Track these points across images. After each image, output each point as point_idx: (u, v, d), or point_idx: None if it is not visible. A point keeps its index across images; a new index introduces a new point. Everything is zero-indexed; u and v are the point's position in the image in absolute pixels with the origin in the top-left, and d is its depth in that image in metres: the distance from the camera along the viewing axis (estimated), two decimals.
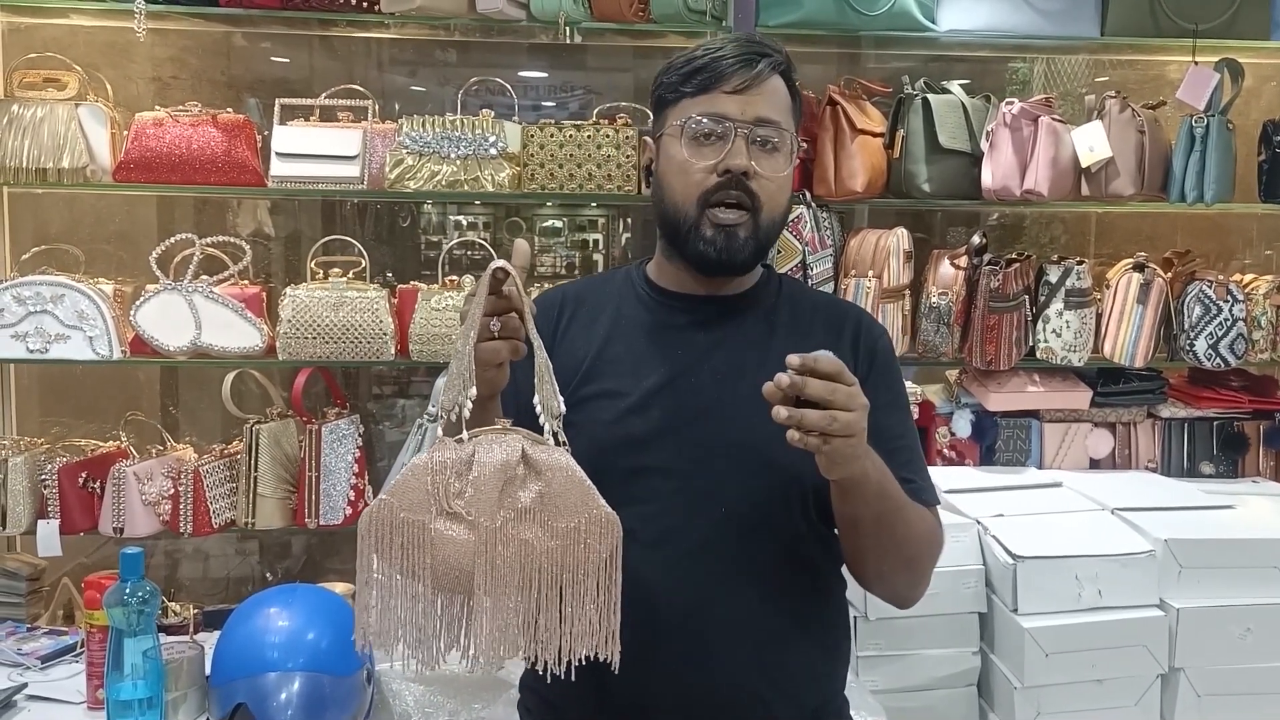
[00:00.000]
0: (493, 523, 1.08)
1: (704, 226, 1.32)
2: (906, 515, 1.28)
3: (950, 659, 2.17)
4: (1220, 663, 2.10)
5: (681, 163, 1.32)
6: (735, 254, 1.32)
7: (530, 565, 1.09)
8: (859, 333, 1.40)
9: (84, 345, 2.32)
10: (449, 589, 1.11)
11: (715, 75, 1.31)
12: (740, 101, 1.31)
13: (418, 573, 1.09)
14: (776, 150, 1.33)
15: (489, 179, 2.40)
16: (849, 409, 1.12)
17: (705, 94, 1.32)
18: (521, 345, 1.16)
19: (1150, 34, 2.54)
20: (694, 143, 1.32)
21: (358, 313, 2.34)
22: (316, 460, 2.37)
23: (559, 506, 1.10)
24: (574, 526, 1.09)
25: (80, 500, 2.33)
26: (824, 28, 2.46)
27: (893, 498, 1.25)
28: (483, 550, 1.08)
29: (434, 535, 1.09)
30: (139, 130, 2.34)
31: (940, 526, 1.38)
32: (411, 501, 1.10)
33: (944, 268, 2.53)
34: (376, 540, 1.10)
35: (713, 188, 1.31)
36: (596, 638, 1.09)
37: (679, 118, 1.33)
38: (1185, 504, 2.33)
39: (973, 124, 2.50)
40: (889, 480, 1.24)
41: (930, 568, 1.37)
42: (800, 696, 1.35)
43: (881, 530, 1.27)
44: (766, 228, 1.34)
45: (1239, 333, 2.52)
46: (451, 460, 1.10)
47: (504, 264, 1.12)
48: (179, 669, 1.73)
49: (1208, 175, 2.49)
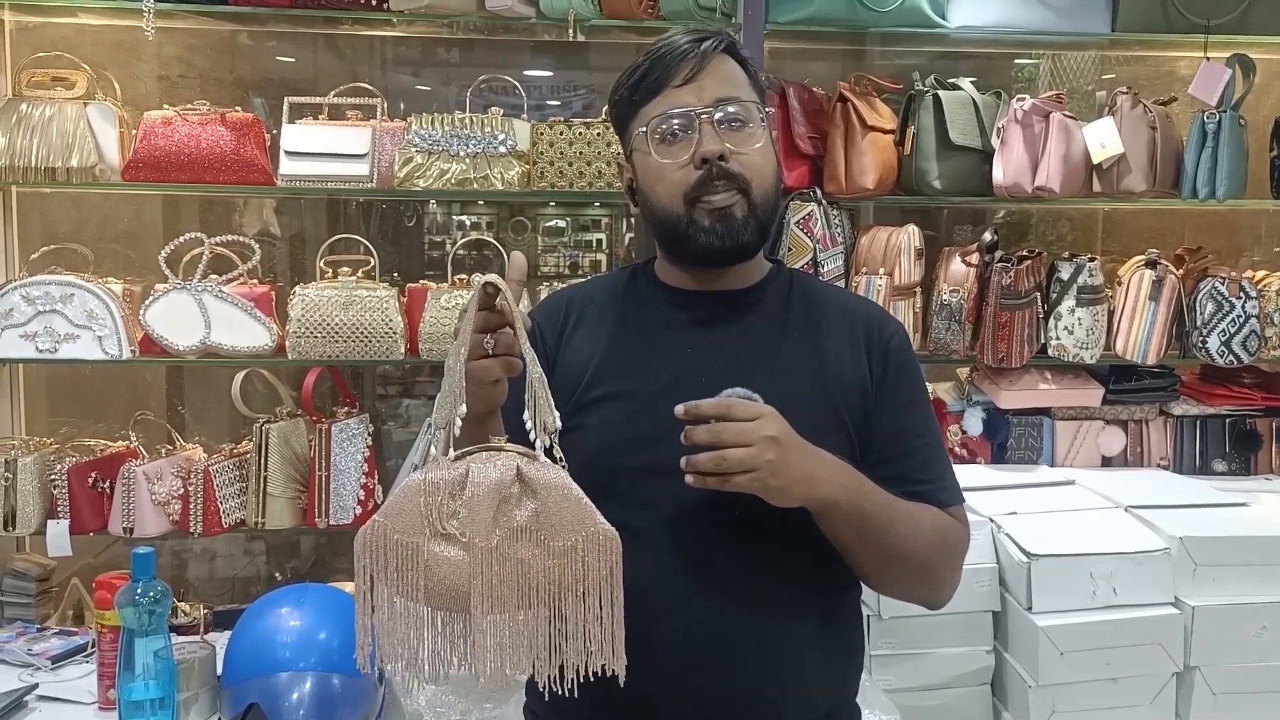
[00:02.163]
0: (488, 543, 1.07)
1: (699, 218, 1.29)
2: (899, 530, 1.25)
3: (964, 658, 2.16)
4: (1236, 661, 2.09)
5: (658, 168, 1.30)
6: (738, 236, 1.29)
7: (528, 584, 1.08)
8: (872, 330, 1.37)
9: (93, 345, 2.31)
10: (447, 609, 1.10)
11: (662, 72, 1.29)
12: (694, 89, 1.29)
13: (413, 594, 1.08)
14: (745, 123, 1.30)
15: (498, 177, 2.39)
16: (742, 444, 1.13)
17: (658, 95, 1.30)
18: (516, 361, 1.13)
19: (1161, 29, 2.53)
20: (662, 144, 1.30)
21: (367, 312, 2.33)
22: (326, 460, 2.36)
23: (555, 525, 1.08)
24: (571, 545, 1.08)
25: (90, 500, 2.32)
26: (834, 24, 2.45)
27: (873, 517, 1.23)
28: (479, 571, 1.07)
29: (428, 557, 1.08)
30: (148, 129, 2.33)
31: (964, 525, 1.35)
32: (405, 523, 1.08)
33: (955, 265, 2.52)
34: (371, 561, 1.09)
35: (695, 182, 1.28)
36: (601, 653, 1.08)
37: (640, 126, 1.31)
38: (1199, 501, 2.32)
39: (983, 120, 2.49)
40: (864, 500, 1.22)
41: (949, 572, 1.34)
42: (812, 701, 1.32)
43: (868, 548, 1.25)
44: (762, 202, 1.30)
45: (1252, 329, 2.51)
46: (444, 480, 1.08)
47: (494, 278, 1.10)
48: (190, 669, 1.72)
49: (1220, 171, 2.48)
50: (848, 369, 1.34)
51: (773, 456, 1.14)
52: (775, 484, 1.15)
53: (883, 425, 1.33)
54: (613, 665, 1.09)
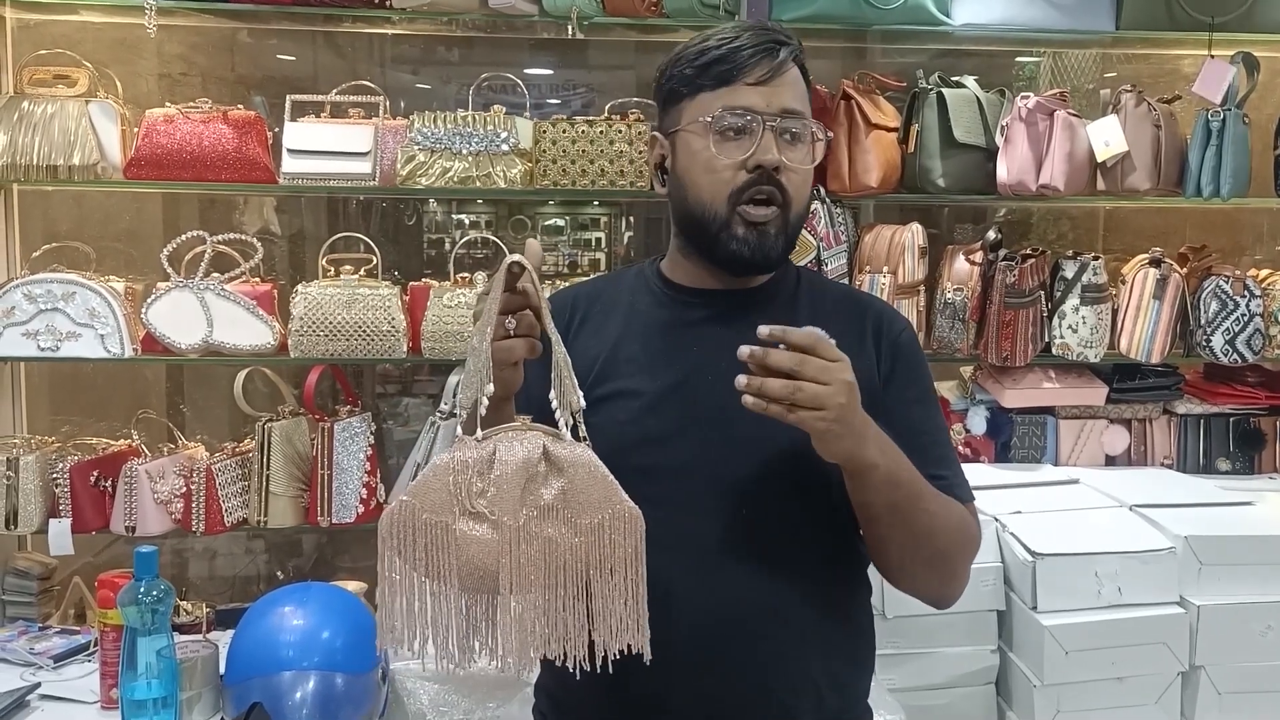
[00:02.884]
0: (516, 521, 1.07)
1: (735, 225, 1.28)
2: (927, 507, 1.24)
3: (969, 657, 2.16)
4: (1241, 660, 2.08)
5: (708, 160, 1.28)
6: (768, 251, 1.29)
7: (555, 562, 1.08)
8: (880, 326, 1.37)
9: (95, 343, 2.30)
10: (474, 589, 1.09)
11: (736, 66, 1.27)
12: (765, 93, 1.27)
13: (443, 574, 1.08)
14: (800, 141, 1.30)
15: (501, 175, 2.39)
16: (821, 382, 1.11)
17: (726, 86, 1.28)
18: (537, 343, 1.14)
19: (1166, 27, 2.52)
20: (720, 138, 1.28)
21: (370, 310, 2.32)
22: (329, 458, 2.36)
23: (582, 503, 1.09)
24: (598, 522, 1.08)
25: (92, 499, 2.31)
26: (838, 22, 2.44)
27: (906, 486, 1.22)
28: (507, 549, 1.07)
29: (458, 535, 1.08)
30: (150, 127, 2.33)
31: (976, 523, 1.34)
32: (433, 502, 1.08)
33: (959, 263, 2.52)
34: (399, 542, 1.08)
35: (743, 185, 1.27)
36: (627, 632, 1.08)
37: (700, 112, 1.29)
38: (1204, 500, 2.31)
39: (987, 118, 2.49)
40: (903, 469, 1.22)
41: (963, 565, 1.33)
42: (822, 701, 1.31)
43: (897, 521, 1.24)
44: (794, 222, 1.31)
45: (1256, 328, 2.51)
46: (473, 459, 1.09)
47: (519, 258, 1.10)
48: (193, 668, 1.72)
49: (1224, 170, 2.47)
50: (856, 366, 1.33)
51: (844, 400, 1.13)
52: (836, 429, 1.13)
53: (892, 421, 1.32)
54: (639, 643, 1.09)
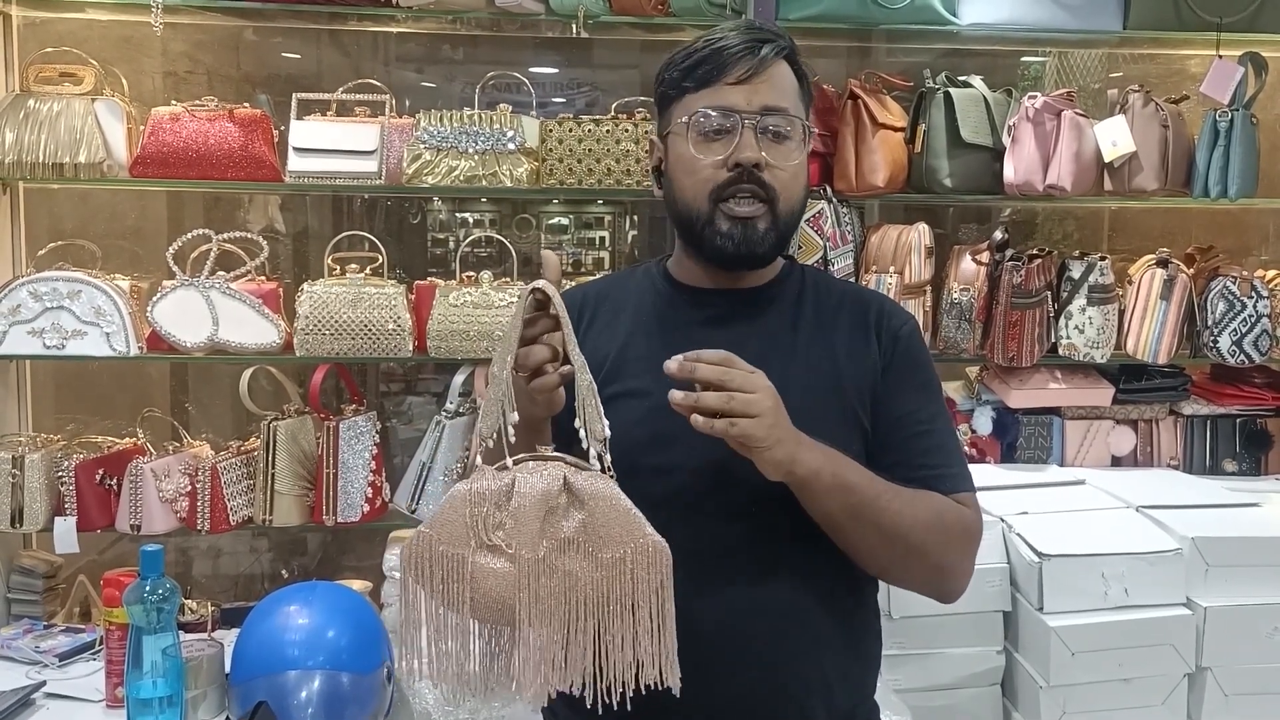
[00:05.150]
0: (534, 554, 1.06)
1: (718, 221, 1.29)
2: (889, 505, 1.23)
3: (974, 658, 2.15)
4: (1248, 662, 2.08)
5: (689, 160, 1.30)
6: (755, 246, 1.30)
7: (575, 597, 1.07)
8: (882, 320, 1.37)
9: (101, 341, 2.30)
10: (492, 621, 1.09)
11: (718, 66, 1.29)
12: (745, 91, 1.28)
13: (460, 605, 1.08)
14: (787, 138, 1.30)
15: (507, 174, 2.38)
16: (747, 390, 1.14)
17: (708, 87, 1.29)
18: (568, 369, 1.15)
19: (1173, 27, 2.52)
20: (701, 138, 1.29)
21: (375, 309, 2.32)
22: (334, 457, 2.35)
23: (603, 536, 1.07)
24: (619, 557, 1.07)
25: (97, 497, 2.31)
26: (844, 21, 2.44)
27: (860, 490, 1.22)
28: (525, 583, 1.06)
29: (473, 569, 1.07)
30: (156, 125, 2.32)
31: (974, 511, 1.33)
32: (450, 534, 1.08)
33: (965, 263, 2.51)
34: (418, 574, 1.08)
35: (723, 183, 1.29)
36: (653, 665, 1.07)
37: (683, 114, 1.31)
38: (1210, 502, 2.31)
39: (994, 118, 2.48)
40: (850, 472, 1.22)
41: (956, 558, 1.31)
42: (832, 699, 1.32)
43: (861, 525, 1.23)
44: (785, 218, 1.32)
45: (1263, 329, 2.50)
46: (490, 490, 1.08)
47: (543, 284, 1.09)
48: (199, 667, 1.72)
49: (1231, 170, 2.46)
50: (860, 362, 1.34)
51: (773, 404, 1.16)
52: (775, 434, 1.15)
53: (888, 410, 1.33)
54: (668, 678, 1.07)
